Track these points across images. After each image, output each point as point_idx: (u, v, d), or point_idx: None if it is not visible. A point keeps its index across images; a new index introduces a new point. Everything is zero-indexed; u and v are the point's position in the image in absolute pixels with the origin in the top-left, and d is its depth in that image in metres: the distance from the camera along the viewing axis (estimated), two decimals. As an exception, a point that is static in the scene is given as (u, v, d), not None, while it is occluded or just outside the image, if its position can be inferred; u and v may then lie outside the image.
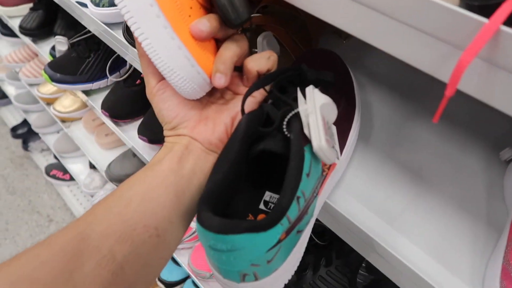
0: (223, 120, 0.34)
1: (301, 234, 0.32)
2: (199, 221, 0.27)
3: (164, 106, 0.34)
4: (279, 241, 0.28)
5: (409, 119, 0.48)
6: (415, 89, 0.52)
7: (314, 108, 0.30)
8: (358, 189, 0.41)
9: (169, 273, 1.15)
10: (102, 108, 0.92)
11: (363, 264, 0.55)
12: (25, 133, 1.76)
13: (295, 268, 0.33)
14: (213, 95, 0.36)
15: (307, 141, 0.30)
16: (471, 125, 0.48)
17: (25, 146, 1.77)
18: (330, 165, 0.35)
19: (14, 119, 1.86)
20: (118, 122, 0.92)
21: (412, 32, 0.23)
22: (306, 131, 0.30)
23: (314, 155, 0.30)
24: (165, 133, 0.35)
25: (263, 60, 0.34)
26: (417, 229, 0.38)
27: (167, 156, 0.32)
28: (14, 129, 1.77)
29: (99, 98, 0.96)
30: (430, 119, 0.48)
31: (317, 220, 0.41)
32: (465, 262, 0.36)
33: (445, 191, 0.41)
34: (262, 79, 0.34)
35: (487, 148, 0.45)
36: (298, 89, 0.32)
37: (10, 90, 1.69)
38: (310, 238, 0.60)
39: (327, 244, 0.58)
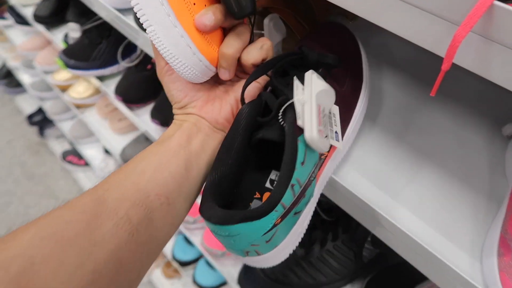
0: (229, 101, 0.36)
1: (300, 214, 0.33)
2: (200, 212, 0.29)
3: (173, 86, 0.35)
4: (275, 225, 0.29)
5: (414, 97, 0.49)
6: (420, 68, 0.52)
7: (310, 97, 0.30)
8: (364, 164, 0.42)
9: (183, 253, 1.19)
10: (116, 93, 0.94)
11: (369, 239, 0.56)
12: (40, 121, 1.79)
13: (298, 241, 0.34)
14: None
15: (302, 130, 0.30)
16: (474, 102, 0.48)
17: (41, 133, 1.82)
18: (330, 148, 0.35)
19: (29, 107, 1.90)
20: (131, 106, 0.95)
21: (414, 10, 0.24)
22: (299, 122, 0.30)
23: None
24: (174, 111, 0.37)
25: (254, 52, 0.34)
26: (420, 202, 0.39)
27: (176, 133, 0.34)
28: (30, 117, 1.80)
29: (112, 84, 0.99)
30: (433, 97, 0.48)
31: (324, 196, 0.43)
32: (466, 233, 0.37)
33: (448, 165, 0.42)
34: (259, 68, 0.34)
35: (490, 124, 0.46)
36: (295, 77, 0.32)
37: (25, 78, 1.72)
38: (318, 214, 0.62)
39: (334, 220, 0.60)
